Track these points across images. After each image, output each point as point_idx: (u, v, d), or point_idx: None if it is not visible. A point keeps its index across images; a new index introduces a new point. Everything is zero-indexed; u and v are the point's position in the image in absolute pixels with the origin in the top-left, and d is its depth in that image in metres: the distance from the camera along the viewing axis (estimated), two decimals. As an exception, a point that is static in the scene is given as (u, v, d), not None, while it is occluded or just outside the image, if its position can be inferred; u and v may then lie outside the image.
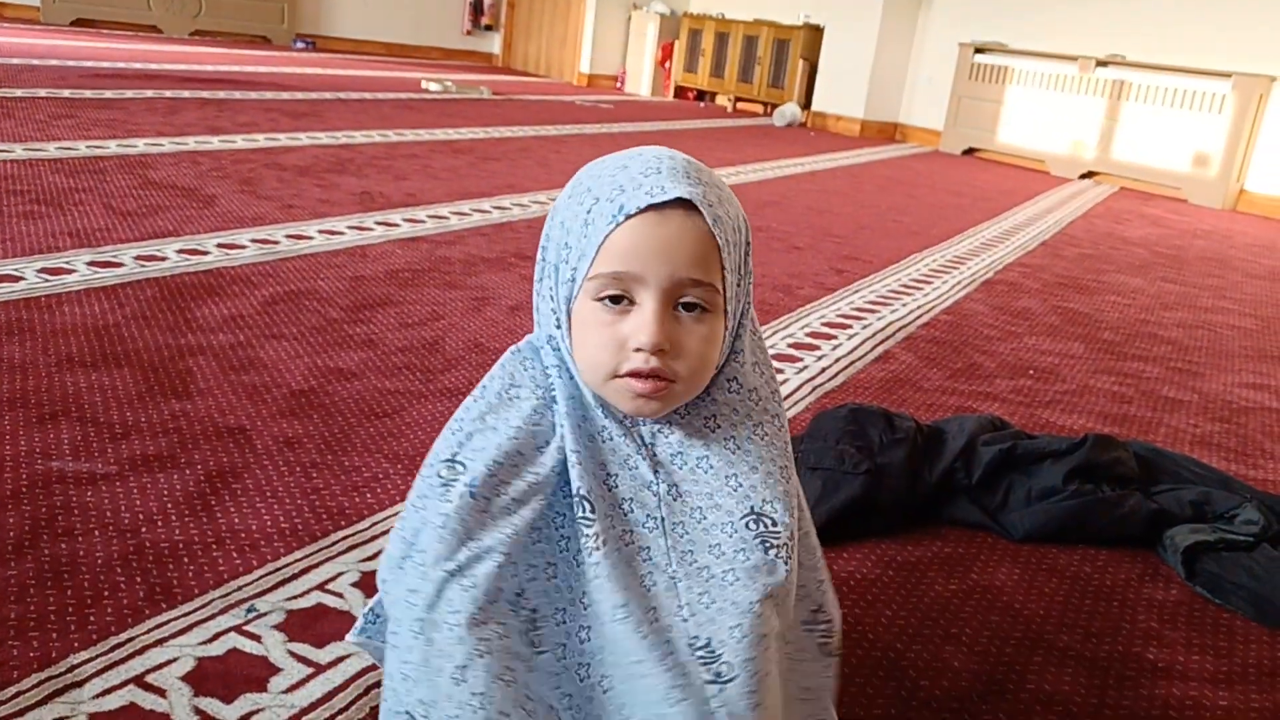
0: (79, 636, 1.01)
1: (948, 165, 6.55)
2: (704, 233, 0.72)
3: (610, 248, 0.71)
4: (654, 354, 0.71)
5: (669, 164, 0.74)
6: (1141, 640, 1.26)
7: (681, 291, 0.72)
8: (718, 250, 0.73)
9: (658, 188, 0.71)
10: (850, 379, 2.12)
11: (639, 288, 0.72)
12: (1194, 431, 2.04)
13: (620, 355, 0.72)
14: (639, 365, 0.72)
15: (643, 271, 0.71)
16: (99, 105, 4.44)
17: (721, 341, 0.76)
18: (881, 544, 1.42)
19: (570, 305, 0.75)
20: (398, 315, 2.16)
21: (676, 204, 0.71)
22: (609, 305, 0.72)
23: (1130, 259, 3.92)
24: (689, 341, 0.73)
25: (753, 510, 0.77)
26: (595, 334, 0.73)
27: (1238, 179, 5.98)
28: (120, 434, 1.46)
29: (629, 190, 0.72)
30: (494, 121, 5.71)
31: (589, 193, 0.75)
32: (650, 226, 0.71)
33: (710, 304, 0.73)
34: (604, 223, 0.72)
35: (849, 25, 7.63)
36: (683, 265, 0.71)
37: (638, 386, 0.72)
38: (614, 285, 0.72)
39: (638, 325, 0.71)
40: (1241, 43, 5.90)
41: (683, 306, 0.73)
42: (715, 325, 0.75)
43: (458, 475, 0.74)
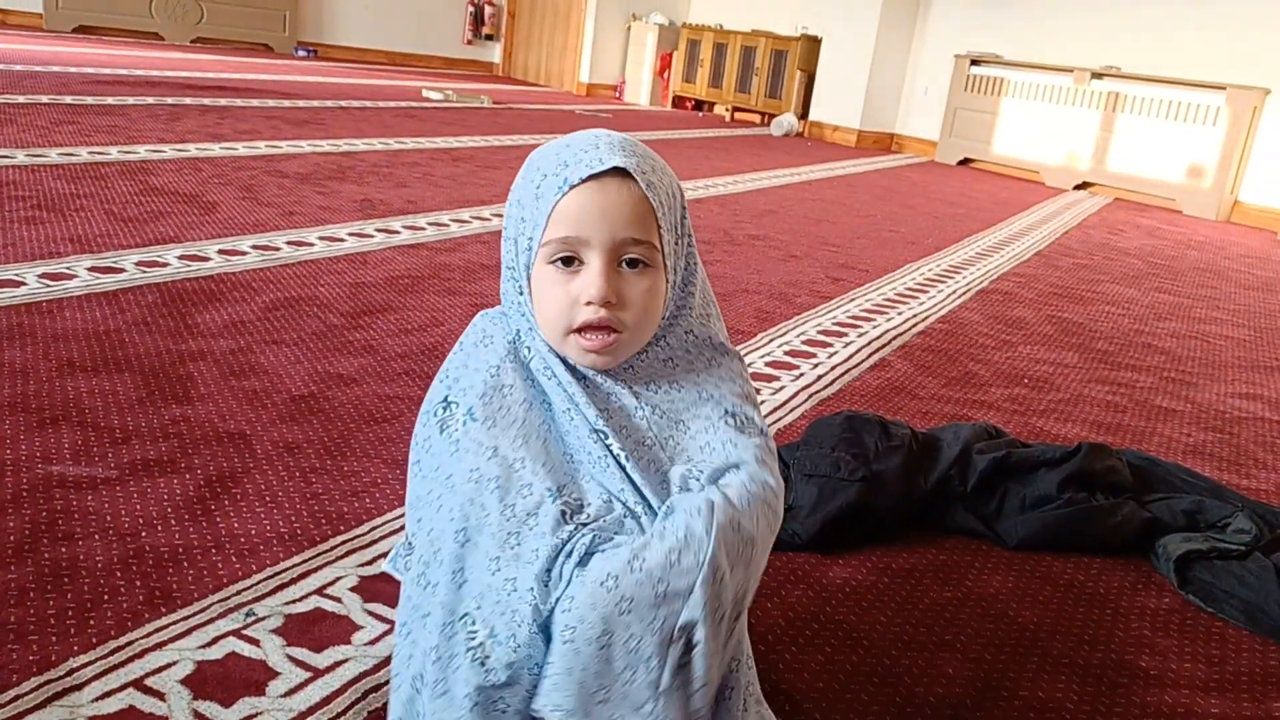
0: (78, 640, 1.02)
1: (943, 175, 6.57)
2: (639, 196, 0.82)
3: (558, 216, 0.81)
4: (602, 306, 0.81)
5: (605, 140, 0.84)
6: (1134, 648, 1.27)
7: (623, 250, 0.82)
8: (653, 212, 0.83)
9: (596, 160, 0.82)
10: (846, 387, 2.13)
11: (585, 250, 0.82)
12: (1187, 441, 2.05)
13: (573, 311, 0.82)
14: (589, 317, 0.81)
15: (587, 234, 0.81)
16: (101, 112, 4.45)
17: (664, 294, 0.86)
18: (877, 551, 1.43)
19: (529, 272, 0.85)
20: (397, 321, 2.17)
21: (614, 173, 0.81)
22: (561, 267, 0.82)
23: (1124, 269, 3.94)
24: (633, 293, 0.83)
25: (726, 411, 0.88)
26: (550, 293, 0.83)
27: (1232, 190, 6.01)
28: (120, 439, 1.47)
29: (571, 164, 0.82)
30: (494, 130, 5.73)
31: (537, 170, 0.85)
32: (591, 194, 0.81)
33: (650, 260, 0.83)
34: (551, 194, 0.82)
35: (846, 37, 7.66)
36: (622, 226, 0.81)
37: (586, 343, 0.83)
38: (563, 249, 0.82)
39: (586, 282, 0.81)
40: (1235, 55, 5.93)
41: (626, 263, 0.83)
42: (656, 279, 0.84)
43: (453, 412, 0.84)
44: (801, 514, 1.41)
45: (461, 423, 0.83)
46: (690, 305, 0.90)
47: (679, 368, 0.90)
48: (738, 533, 0.78)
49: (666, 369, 0.89)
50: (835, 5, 7.71)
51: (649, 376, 0.88)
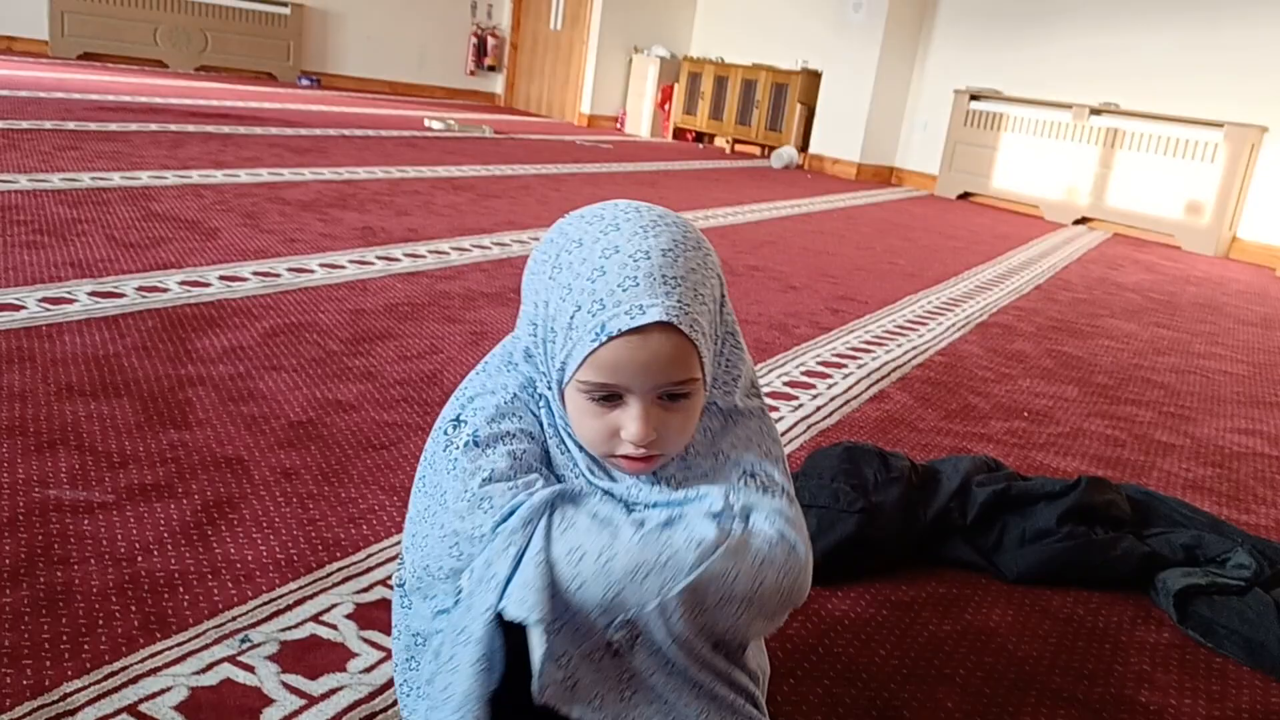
0: (73, 665, 1.01)
1: (943, 209, 6.60)
2: (682, 343, 0.77)
3: (595, 362, 0.77)
4: (642, 445, 0.79)
5: (645, 267, 0.77)
6: (1134, 683, 1.26)
7: (665, 388, 0.79)
8: (696, 350, 0.79)
9: (636, 308, 0.76)
10: (845, 418, 2.13)
11: (625, 392, 0.78)
12: (1186, 476, 2.05)
13: (613, 440, 0.80)
14: (630, 452, 0.80)
15: (627, 384, 0.78)
16: (104, 138, 4.48)
17: (702, 402, 0.83)
18: (876, 583, 1.42)
19: (562, 387, 0.81)
20: (397, 348, 2.17)
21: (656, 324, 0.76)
22: (599, 401, 0.79)
23: (1124, 304, 3.95)
24: (674, 422, 0.80)
25: (745, 471, 0.86)
26: (589, 422, 0.80)
27: (1230, 227, 6.03)
28: (118, 463, 1.47)
29: (609, 307, 0.76)
30: (495, 160, 5.76)
31: (570, 293, 0.78)
32: (631, 349, 0.76)
33: (692, 391, 0.80)
34: (588, 338, 0.77)
35: (846, 71, 7.73)
36: (664, 373, 0.78)
37: (628, 466, 0.82)
38: (600, 391, 0.78)
39: (627, 421, 0.79)
40: (1233, 93, 5.98)
41: (667, 396, 0.79)
42: (697, 400, 0.82)
43: (460, 430, 0.83)
44: (800, 545, 1.40)
45: (462, 445, 0.82)
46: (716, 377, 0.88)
47: (699, 443, 0.87)
48: (729, 584, 0.77)
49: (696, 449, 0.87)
50: (836, 39, 7.78)
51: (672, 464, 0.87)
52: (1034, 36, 7.01)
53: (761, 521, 0.81)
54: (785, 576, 0.80)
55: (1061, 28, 6.84)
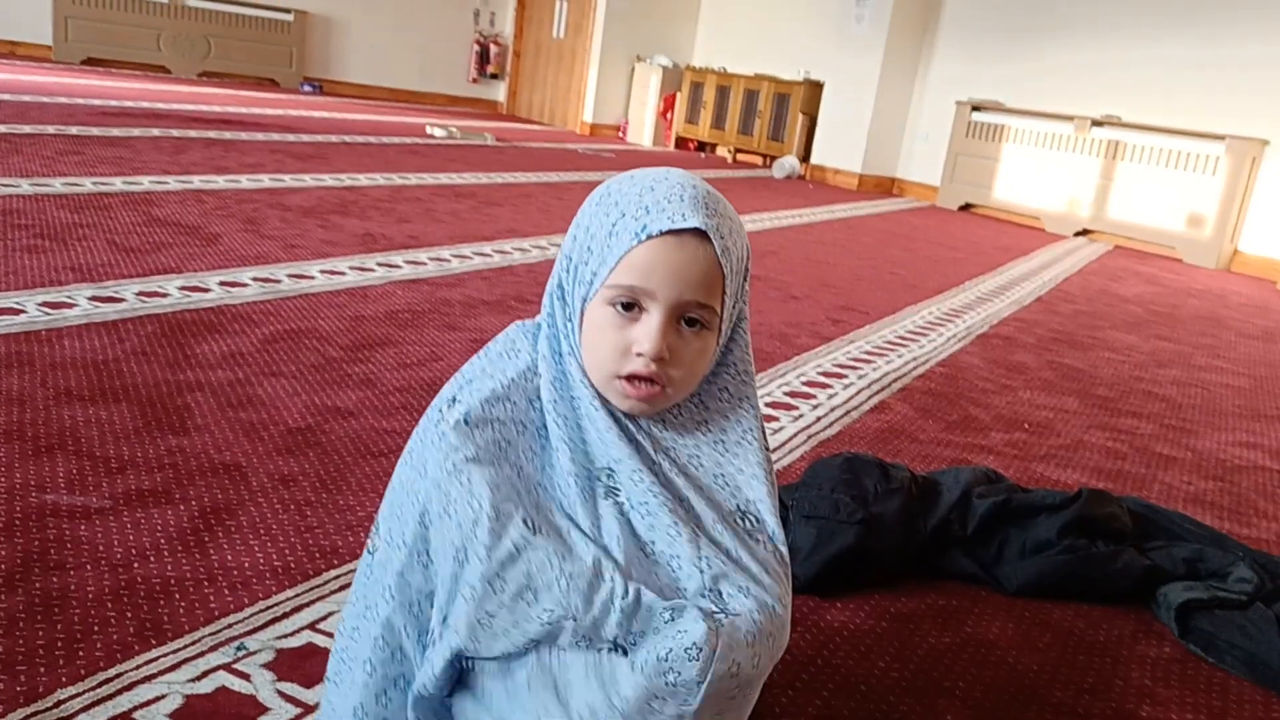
0: (67, 671, 1.01)
1: (944, 220, 6.60)
2: (713, 261, 0.80)
3: (629, 262, 0.80)
4: (655, 360, 0.80)
5: (691, 192, 0.81)
6: (1135, 697, 1.25)
7: (685, 310, 0.81)
8: (722, 278, 0.82)
9: (679, 214, 0.79)
10: (846, 429, 2.12)
11: (649, 300, 0.80)
12: (1187, 489, 2.05)
13: (624, 358, 0.81)
14: (639, 368, 0.81)
15: (655, 288, 0.80)
16: (106, 143, 4.48)
17: (712, 354, 0.85)
18: (875, 595, 1.42)
19: (585, 305, 0.83)
20: (397, 355, 2.17)
21: (693, 232, 0.79)
22: (621, 311, 0.81)
23: (1125, 316, 3.95)
24: (685, 353, 0.82)
25: (739, 508, 0.86)
26: (605, 336, 0.82)
27: (1232, 239, 6.04)
28: (116, 469, 1.46)
29: (653, 212, 0.80)
30: (497, 167, 5.76)
31: (616, 206, 0.82)
32: (667, 250, 0.79)
33: (708, 323, 0.82)
34: (627, 237, 0.80)
35: (848, 82, 7.74)
36: (690, 288, 0.80)
37: (632, 391, 0.82)
38: (628, 295, 0.80)
39: (644, 334, 0.80)
40: (1235, 106, 5.99)
41: (684, 321, 0.81)
42: (709, 341, 0.84)
43: (454, 409, 0.84)
44: (800, 556, 1.40)
45: (453, 423, 0.83)
46: (731, 361, 0.89)
47: (710, 434, 0.88)
48: (735, 678, 0.75)
49: (695, 430, 0.87)
50: (838, 50, 7.80)
51: (676, 433, 0.87)
52: (1036, 48, 7.02)
53: (737, 595, 0.79)
54: (775, 642, 0.79)
55: (1063, 40, 6.86)
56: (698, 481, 0.85)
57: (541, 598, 0.76)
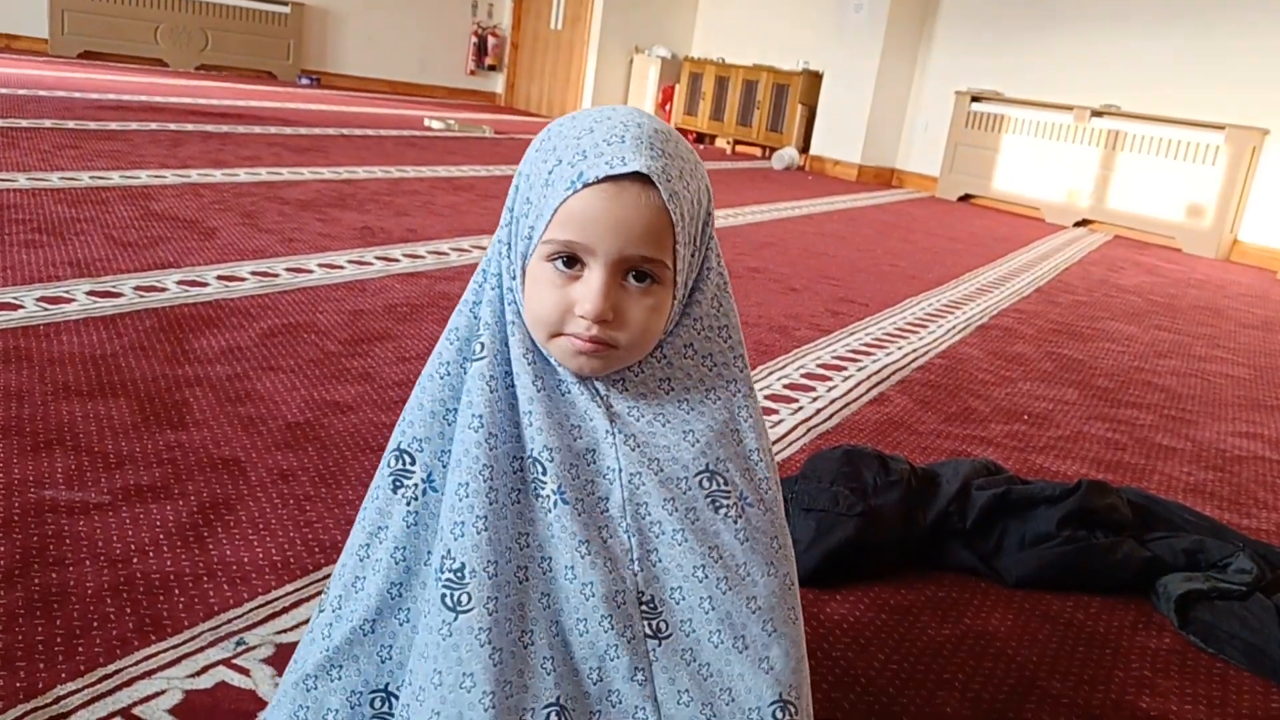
0: (67, 667, 1.01)
1: (944, 211, 6.60)
2: (658, 208, 0.72)
3: (565, 214, 0.72)
4: (596, 323, 0.73)
5: (634, 132, 0.73)
6: (1135, 688, 1.25)
7: (630, 265, 0.73)
8: (671, 226, 0.73)
9: (617, 158, 0.71)
10: (845, 421, 2.12)
11: (589, 256, 0.73)
12: (1187, 479, 2.05)
13: (565, 317, 0.74)
14: (579, 330, 0.74)
15: (593, 244, 0.72)
16: (103, 137, 4.47)
17: (669, 310, 0.77)
18: (875, 587, 1.42)
19: (526, 261, 0.76)
20: (395, 349, 2.16)
21: (634, 177, 0.71)
22: (560, 268, 0.74)
23: (1124, 307, 3.94)
24: (633, 311, 0.74)
25: (707, 468, 0.78)
26: (545, 292, 0.74)
27: (1231, 229, 6.03)
28: (114, 464, 1.46)
29: (590, 157, 0.72)
30: (495, 160, 5.75)
31: (553, 152, 0.75)
32: (605, 199, 0.71)
33: (659, 277, 0.75)
34: (561, 187, 0.72)
35: (847, 72, 7.72)
36: (633, 241, 0.72)
37: (578, 344, 0.74)
38: (565, 250, 0.73)
39: (584, 293, 0.73)
40: (1234, 96, 5.98)
41: (632, 276, 0.74)
42: (662, 296, 0.76)
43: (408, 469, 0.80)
44: (799, 549, 1.40)
45: (417, 492, 0.79)
46: (697, 315, 0.81)
47: (673, 392, 0.80)
48: None
49: (659, 390, 0.80)
50: (837, 41, 7.78)
51: (637, 394, 0.80)
52: (1035, 38, 7.01)
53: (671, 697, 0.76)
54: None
55: (1063, 30, 6.84)
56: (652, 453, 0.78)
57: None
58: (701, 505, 0.77)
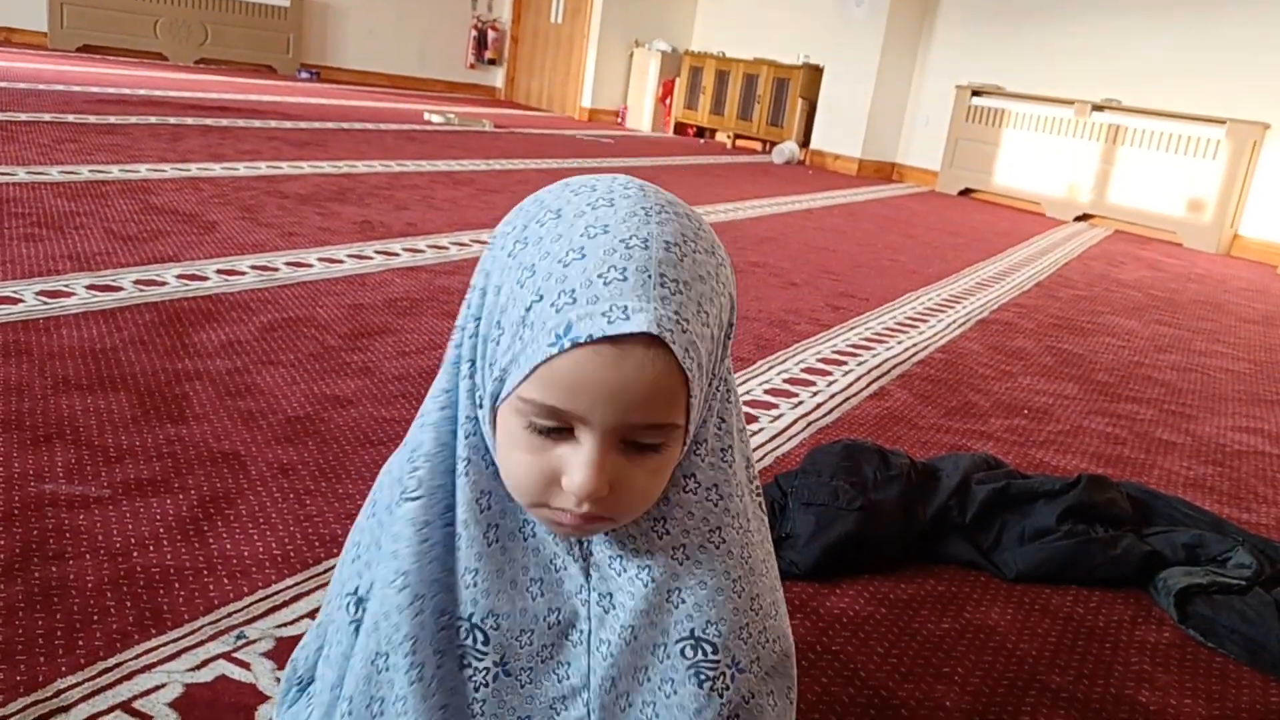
0: (67, 661, 1.01)
1: (944, 205, 6.59)
2: (669, 369, 0.57)
3: (548, 375, 0.57)
4: (589, 501, 0.59)
5: (639, 259, 0.57)
6: (1134, 682, 1.25)
7: (632, 431, 0.59)
8: (685, 386, 0.59)
9: (618, 309, 0.55)
10: (845, 415, 2.12)
11: (579, 425, 0.58)
12: (1187, 474, 2.05)
13: (549, 489, 0.60)
14: (568, 506, 0.60)
15: (585, 413, 0.57)
16: (103, 130, 4.47)
17: (673, 465, 0.64)
18: (874, 581, 1.42)
19: (495, 402, 0.62)
20: (395, 344, 2.16)
21: (640, 337, 0.56)
22: (539, 433, 0.59)
23: (1125, 301, 3.94)
24: (634, 479, 0.61)
25: (692, 634, 0.66)
26: (521, 455, 0.60)
27: (1232, 224, 6.03)
28: (114, 458, 1.46)
29: (580, 302, 0.56)
30: (495, 154, 5.75)
31: (533, 275, 0.59)
32: (600, 364, 0.56)
33: (667, 441, 0.61)
34: (544, 341, 0.56)
35: (848, 66, 7.71)
36: (638, 409, 0.57)
37: (564, 521, 0.61)
38: (547, 416, 0.58)
39: (573, 466, 0.59)
40: (1235, 90, 5.97)
41: (633, 444, 0.60)
42: (670, 456, 0.62)
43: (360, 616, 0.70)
44: (799, 543, 1.40)
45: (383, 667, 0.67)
46: (703, 440, 0.67)
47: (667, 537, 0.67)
48: None
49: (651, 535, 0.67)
50: (837, 35, 7.77)
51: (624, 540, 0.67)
52: (1036, 32, 7.00)
53: None
54: None
55: (1063, 24, 6.83)
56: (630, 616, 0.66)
57: None
58: (682, 677, 0.65)
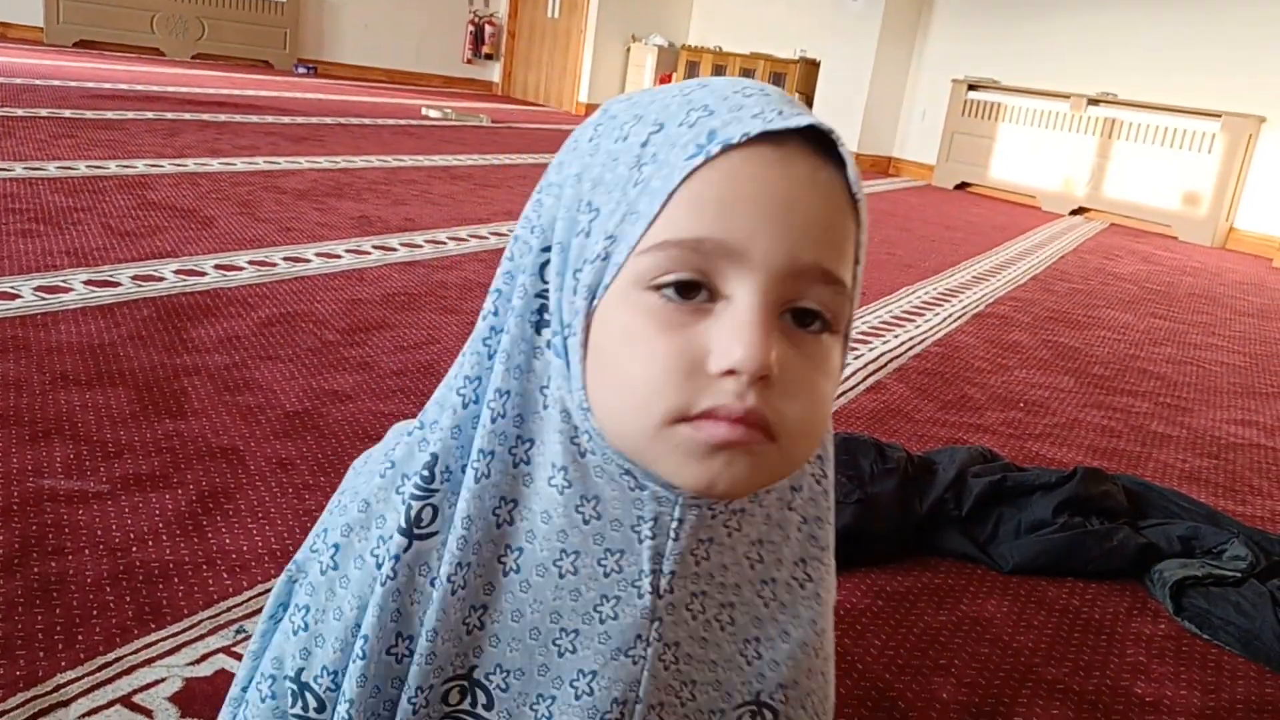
0: (66, 656, 1.01)
1: (940, 199, 6.59)
2: (840, 192, 0.45)
3: (690, 199, 0.42)
4: (754, 382, 0.42)
5: (774, 91, 0.47)
6: (1130, 674, 1.26)
7: (798, 287, 0.44)
8: (857, 229, 0.46)
9: (771, 111, 0.44)
10: (842, 408, 2.12)
11: (732, 271, 0.43)
12: (1182, 466, 2.05)
13: (692, 383, 0.43)
14: (727, 401, 0.42)
15: (743, 241, 0.42)
16: (100, 126, 4.46)
17: (837, 380, 0.48)
18: (871, 574, 1.42)
19: (593, 307, 0.46)
20: (393, 339, 2.17)
21: (801, 141, 0.44)
22: (674, 298, 0.43)
23: (1120, 294, 3.95)
24: (801, 373, 0.44)
25: (757, 697, 0.54)
26: (646, 348, 0.43)
27: (1227, 217, 6.04)
28: (113, 453, 1.46)
29: (721, 112, 0.44)
30: (492, 149, 5.74)
31: (640, 121, 0.46)
32: (764, 167, 0.43)
33: (836, 315, 0.46)
34: (680, 156, 0.43)
35: (844, 60, 7.71)
36: (807, 241, 0.43)
37: (719, 432, 0.43)
38: (687, 262, 0.43)
39: (727, 332, 0.42)
40: (1231, 83, 5.97)
41: (793, 316, 0.45)
42: (836, 353, 0.47)
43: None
44: (796, 536, 1.40)
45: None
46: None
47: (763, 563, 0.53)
48: None
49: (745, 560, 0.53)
50: (834, 29, 7.76)
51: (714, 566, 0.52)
52: (1032, 26, 7.00)
53: None
54: None
55: (1059, 17, 6.83)
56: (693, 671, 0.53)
57: None
58: None
